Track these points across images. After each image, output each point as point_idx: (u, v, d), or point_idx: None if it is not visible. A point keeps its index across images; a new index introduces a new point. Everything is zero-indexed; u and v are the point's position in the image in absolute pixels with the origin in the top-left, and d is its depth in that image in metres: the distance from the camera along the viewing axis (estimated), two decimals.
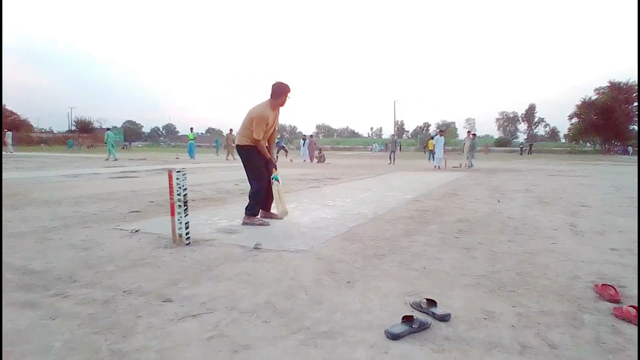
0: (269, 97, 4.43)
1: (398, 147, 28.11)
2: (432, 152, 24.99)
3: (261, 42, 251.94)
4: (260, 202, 4.55)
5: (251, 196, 4.49)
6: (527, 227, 4.47)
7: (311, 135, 26.41)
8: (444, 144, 18.27)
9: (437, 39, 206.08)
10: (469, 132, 21.74)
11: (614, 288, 2.40)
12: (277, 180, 4.41)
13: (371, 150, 55.55)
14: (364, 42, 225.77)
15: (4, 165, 13.96)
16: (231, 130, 25.07)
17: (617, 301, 2.32)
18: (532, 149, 49.45)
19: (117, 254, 3.23)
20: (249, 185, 4.56)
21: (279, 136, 24.76)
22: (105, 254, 3.22)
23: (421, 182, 10.07)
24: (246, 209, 4.47)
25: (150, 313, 2.13)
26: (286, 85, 4.39)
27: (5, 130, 29.57)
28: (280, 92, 4.39)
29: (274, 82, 4.42)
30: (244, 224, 4.40)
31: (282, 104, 4.48)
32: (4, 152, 25.69)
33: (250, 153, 4.45)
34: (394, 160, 21.86)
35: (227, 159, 22.53)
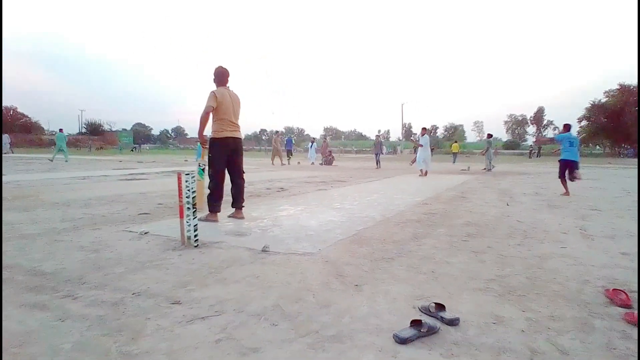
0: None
1: (383, 149, 24.93)
2: (455, 155, 24.34)
3: (269, 44, 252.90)
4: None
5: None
6: (537, 230, 4.43)
7: (325, 138, 26.24)
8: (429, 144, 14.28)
9: (445, 41, 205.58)
10: (489, 134, 21.11)
11: (624, 293, 2.38)
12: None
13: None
14: (372, 44, 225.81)
15: (15, 168, 14.11)
16: (278, 132, 23.69)
17: (628, 306, 2.29)
18: (541, 151, 48.95)
19: (126, 255, 3.25)
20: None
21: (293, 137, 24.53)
22: (115, 256, 3.24)
23: (429, 185, 10.04)
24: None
25: (159, 315, 2.14)
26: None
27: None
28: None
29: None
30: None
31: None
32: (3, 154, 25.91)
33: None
34: (379, 163, 19.70)
35: (273, 164, 19.96)
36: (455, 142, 24.81)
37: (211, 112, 4.51)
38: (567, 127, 8.79)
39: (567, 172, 8.30)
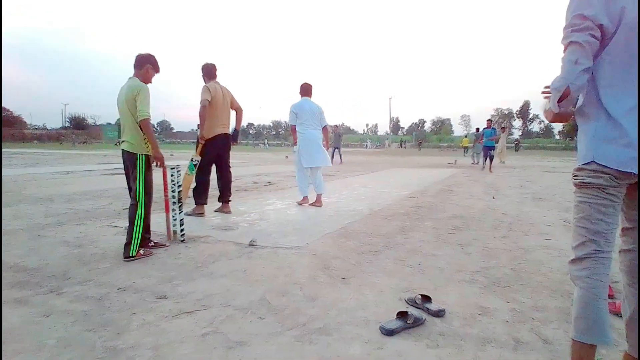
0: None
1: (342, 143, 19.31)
2: (466, 149, 23.94)
3: (258, 38, 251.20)
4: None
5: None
6: (522, 223, 4.49)
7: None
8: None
9: (433, 35, 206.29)
10: (503, 127, 20.81)
11: None
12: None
13: (366, 146, 56.13)
14: (359, 38, 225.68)
15: None
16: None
17: (610, 297, 2.33)
18: (520, 145, 49.03)
19: (111, 251, 3.22)
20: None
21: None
22: (99, 251, 3.21)
23: (416, 178, 10.09)
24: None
25: (144, 310, 2.12)
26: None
27: None
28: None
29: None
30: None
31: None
32: None
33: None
34: (340, 158, 17.12)
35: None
36: (465, 136, 25.18)
37: (207, 105, 4.50)
38: (489, 124, 14.06)
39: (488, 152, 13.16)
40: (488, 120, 14.32)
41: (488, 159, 13.05)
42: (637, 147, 1.33)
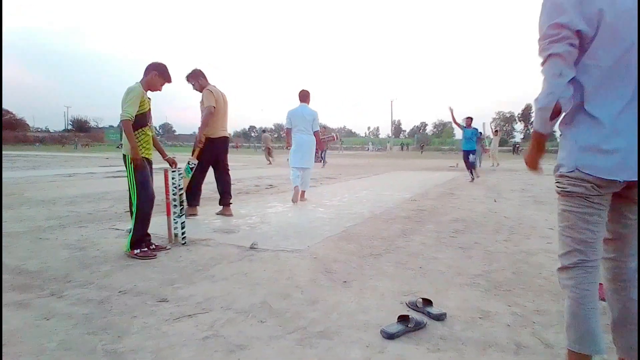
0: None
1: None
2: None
3: (260, 40, 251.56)
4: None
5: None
6: (523, 226, 4.48)
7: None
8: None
9: (434, 38, 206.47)
10: (496, 130, 20.68)
11: None
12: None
13: (368, 149, 56.23)
14: (361, 41, 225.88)
15: None
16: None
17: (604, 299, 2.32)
18: (519, 148, 48.77)
19: (112, 253, 3.22)
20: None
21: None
22: (101, 254, 3.21)
23: (417, 181, 10.08)
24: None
25: (145, 313, 2.12)
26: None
27: None
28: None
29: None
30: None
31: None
32: None
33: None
34: (323, 161, 16.57)
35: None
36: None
37: (214, 111, 4.54)
38: (468, 122, 10.80)
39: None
40: (467, 118, 10.98)
41: (471, 167, 10.30)
42: (638, 151, 1.29)
